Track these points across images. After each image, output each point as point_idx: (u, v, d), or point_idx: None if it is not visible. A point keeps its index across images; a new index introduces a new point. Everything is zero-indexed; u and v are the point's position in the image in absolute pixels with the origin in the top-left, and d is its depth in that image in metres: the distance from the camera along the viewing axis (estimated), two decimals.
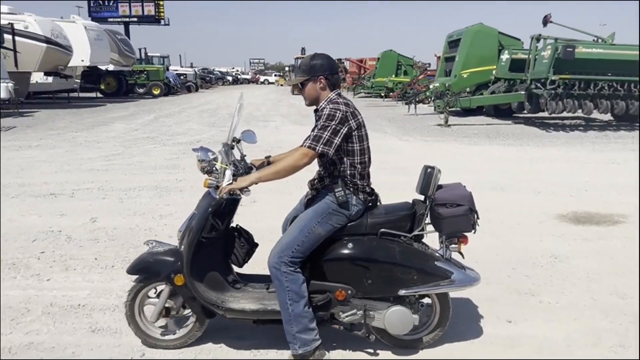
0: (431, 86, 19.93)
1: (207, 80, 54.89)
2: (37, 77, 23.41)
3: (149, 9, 47.16)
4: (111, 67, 28.91)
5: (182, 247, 2.99)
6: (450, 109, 16.63)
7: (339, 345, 3.17)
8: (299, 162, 2.76)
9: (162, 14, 47.88)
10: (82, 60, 24.48)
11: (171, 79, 36.38)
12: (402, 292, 2.89)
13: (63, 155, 10.29)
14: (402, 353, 3.10)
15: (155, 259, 3.04)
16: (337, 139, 2.77)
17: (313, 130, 2.81)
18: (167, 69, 37.37)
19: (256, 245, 3.21)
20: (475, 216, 2.93)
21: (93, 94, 30.89)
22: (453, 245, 2.99)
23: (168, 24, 48.62)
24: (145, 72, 33.43)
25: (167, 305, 3.09)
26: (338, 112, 2.79)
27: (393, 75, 30.87)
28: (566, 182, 7.80)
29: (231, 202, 3.01)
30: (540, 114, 17.52)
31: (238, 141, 3.16)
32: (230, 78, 70.55)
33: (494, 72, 17.99)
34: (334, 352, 3.11)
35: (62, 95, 26.59)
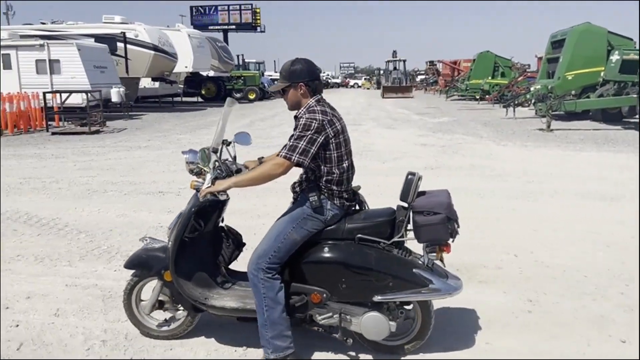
0: (532, 88, 18.97)
1: None
2: (145, 83, 25.15)
3: (247, 17, 48.96)
4: (211, 73, 30.43)
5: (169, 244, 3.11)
6: (553, 113, 15.74)
7: (323, 348, 3.13)
8: (273, 172, 2.79)
9: (258, 21, 49.55)
10: (186, 67, 25.99)
11: (265, 84, 37.64)
12: (376, 298, 2.86)
13: (169, 156, 10.96)
14: (385, 357, 3.08)
15: (148, 255, 3.22)
16: (313, 148, 2.78)
17: (290, 139, 2.81)
18: (262, 75, 38.62)
19: (243, 244, 3.31)
20: (455, 225, 2.84)
21: (194, 99, 32.69)
22: (432, 254, 2.88)
23: (264, 31, 50.25)
24: (242, 78, 34.80)
25: (161, 298, 3.25)
26: (314, 121, 2.79)
27: (489, 77, 29.77)
28: None
29: (216, 204, 3.07)
30: None
31: (228, 144, 3.21)
32: None
33: (601, 74, 16.79)
34: (319, 353, 3.07)
35: (167, 99, 28.38)
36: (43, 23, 24.21)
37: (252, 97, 34.44)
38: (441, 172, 8.79)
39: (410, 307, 3.05)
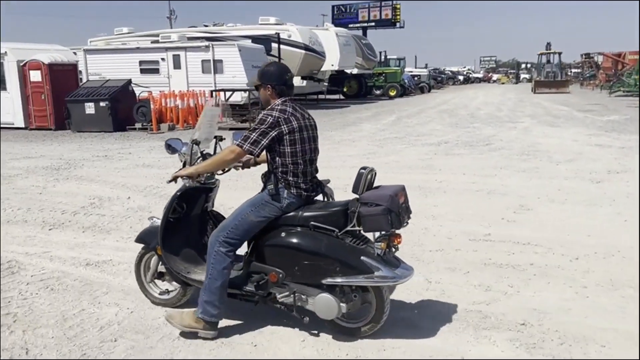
0: None
1: (438, 80, 54.69)
2: (294, 81, 26.13)
3: (386, 13, 48.70)
4: (355, 71, 30.77)
5: None
6: None
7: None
8: (226, 157, 3.23)
9: (398, 17, 49.08)
10: (332, 65, 26.56)
11: (406, 80, 37.20)
12: (326, 281, 3.11)
13: (326, 152, 11.17)
14: (342, 339, 3.28)
15: (150, 231, 3.76)
16: (264, 140, 3.14)
17: (247, 131, 3.20)
18: (402, 71, 38.22)
19: None
20: (399, 217, 3.05)
21: (336, 96, 33.36)
22: (377, 243, 3.09)
23: (403, 27, 49.66)
24: (383, 75, 34.77)
25: (162, 270, 3.73)
26: (270, 117, 3.16)
27: None
28: None
29: (201, 190, 3.56)
30: None
31: (221, 139, 3.71)
32: (461, 77, 69.16)
33: None
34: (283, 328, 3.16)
35: (311, 97, 29.27)
36: (206, 25, 26.26)
37: (392, 93, 34.27)
38: (627, 176, 7.86)
39: (367, 293, 3.22)
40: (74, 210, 6.63)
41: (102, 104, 15.73)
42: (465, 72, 77.58)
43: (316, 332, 3.39)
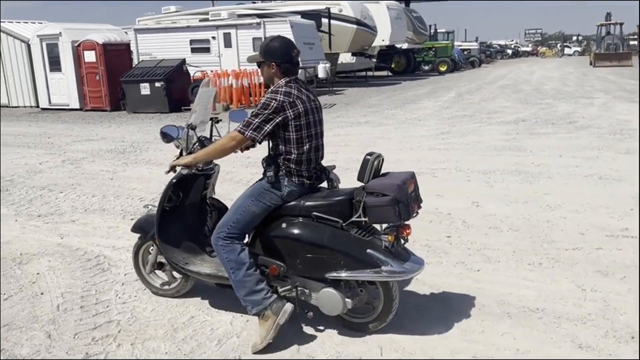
0: None
1: (487, 54, 52.72)
2: (343, 58, 25.32)
3: None
4: (405, 45, 29.64)
5: None
6: None
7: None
8: (227, 145, 2.97)
9: None
10: (383, 40, 25.57)
11: (456, 55, 35.78)
12: (329, 276, 2.91)
13: (395, 132, 10.57)
14: (349, 334, 3.08)
15: (146, 220, 3.56)
16: (267, 126, 2.88)
17: (249, 116, 2.94)
18: (453, 45, 36.79)
19: None
20: (407, 208, 2.80)
21: (384, 73, 32.33)
22: (384, 236, 2.87)
23: None
24: (433, 49, 33.50)
25: (161, 260, 3.53)
26: (273, 101, 2.89)
27: None
28: None
29: (198, 177, 3.32)
30: None
31: (218, 121, 3.45)
32: (509, 51, 66.69)
33: None
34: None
35: (360, 74, 28.38)
36: (254, 2, 25.67)
37: (443, 69, 33.05)
38: None
39: (374, 287, 3.02)
40: (153, 197, 6.26)
41: (157, 84, 15.43)
42: (512, 46, 74.73)
43: (322, 327, 3.17)
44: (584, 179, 6.35)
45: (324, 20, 22.36)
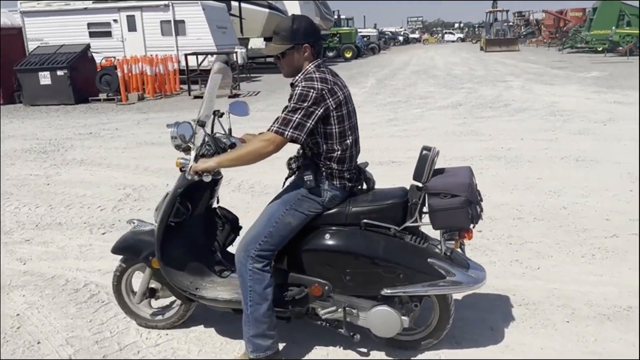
0: None
1: (383, 41, 54.18)
2: (253, 43, 24.48)
3: None
4: None
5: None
6: None
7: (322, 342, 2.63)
8: (263, 150, 2.42)
9: None
10: None
11: (359, 41, 36.19)
12: (385, 292, 2.54)
13: None
14: (399, 355, 2.74)
15: (136, 239, 2.95)
16: (310, 122, 2.41)
17: (283, 110, 2.44)
18: (357, 31, 37.18)
19: (240, 227, 3.01)
20: (478, 209, 2.48)
21: None
22: (449, 242, 2.52)
23: None
24: (337, 35, 33.57)
25: (153, 286, 2.97)
26: (312, 90, 2.41)
27: (613, 28, 27.01)
28: None
29: (206, 184, 2.69)
30: None
31: (221, 115, 2.85)
32: (401, 38, 69.22)
33: None
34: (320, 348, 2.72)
35: (271, 60, 27.63)
36: None
37: (348, 55, 33.28)
38: None
39: (427, 298, 2.72)
40: (113, 205, 5.35)
41: (59, 72, 13.71)
42: (402, 33, 77.73)
43: (365, 350, 2.80)
44: (561, 161, 6.43)
45: (234, 4, 21.40)
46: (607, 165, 6.11)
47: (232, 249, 2.97)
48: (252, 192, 5.63)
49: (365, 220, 2.55)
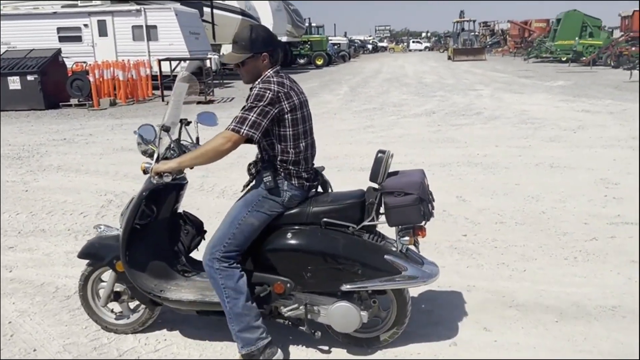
0: None
1: (353, 49, 54.73)
2: (224, 49, 24.40)
3: None
4: (284, 39, 29.39)
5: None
6: None
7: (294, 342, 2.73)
8: (221, 148, 2.52)
9: None
10: None
11: (329, 49, 36.48)
12: (345, 288, 2.64)
13: (317, 126, 10.26)
14: (358, 352, 2.84)
15: (101, 243, 3.00)
16: (265, 121, 2.52)
17: (241, 109, 2.55)
18: (328, 39, 37.46)
19: (204, 231, 3.10)
20: (430, 207, 2.63)
21: None
22: (404, 239, 2.65)
23: None
24: (308, 43, 33.77)
25: (117, 289, 3.02)
26: (268, 92, 2.53)
27: (577, 38, 28.00)
28: None
29: (171, 188, 2.82)
30: None
31: (188, 123, 2.98)
32: (370, 46, 70.07)
33: None
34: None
35: None
36: None
37: (319, 62, 33.54)
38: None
39: (384, 295, 2.83)
40: (96, 211, 5.29)
41: (29, 77, 13.40)
42: (371, 41, 78.64)
43: (326, 347, 2.89)
44: (536, 167, 6.65)
45: (207, 10, 21.32)
46: (580, 172, 6.35)
47: (197, 253, 3.03)
48: (236, 198, 5.61)
49: (325, 220, 2.67)
